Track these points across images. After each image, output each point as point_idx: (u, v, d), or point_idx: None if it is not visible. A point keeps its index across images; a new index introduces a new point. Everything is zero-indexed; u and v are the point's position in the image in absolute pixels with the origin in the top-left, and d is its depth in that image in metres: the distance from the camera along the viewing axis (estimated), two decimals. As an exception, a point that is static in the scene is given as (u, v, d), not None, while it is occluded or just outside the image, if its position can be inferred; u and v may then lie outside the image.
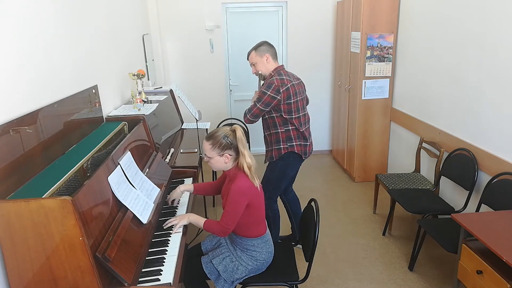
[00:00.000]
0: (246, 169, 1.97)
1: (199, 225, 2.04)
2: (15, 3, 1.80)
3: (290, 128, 2.74)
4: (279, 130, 2.74)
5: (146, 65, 4.29)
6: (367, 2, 3.86)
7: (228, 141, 1.96)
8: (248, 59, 2.84)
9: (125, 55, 3.53)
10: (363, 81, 4.08)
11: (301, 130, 2.77)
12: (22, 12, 1.85)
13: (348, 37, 4.33)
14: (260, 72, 2.79)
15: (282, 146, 2.75)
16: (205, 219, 2.05)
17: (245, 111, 2.78)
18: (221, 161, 2.00)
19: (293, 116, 2.71)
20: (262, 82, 2.84)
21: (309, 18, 4.91)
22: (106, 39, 3.04)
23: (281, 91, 2.61)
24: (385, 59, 4.02)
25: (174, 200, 2.39)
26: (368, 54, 3.99)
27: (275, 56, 2.80)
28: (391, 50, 4.00)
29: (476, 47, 2.76)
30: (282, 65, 2.81)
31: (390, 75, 4.08)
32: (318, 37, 4.98)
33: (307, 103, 2.96)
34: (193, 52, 4.96)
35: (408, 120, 3.84)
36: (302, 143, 2.79)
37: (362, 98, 4.15)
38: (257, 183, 2.02)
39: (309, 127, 2.90)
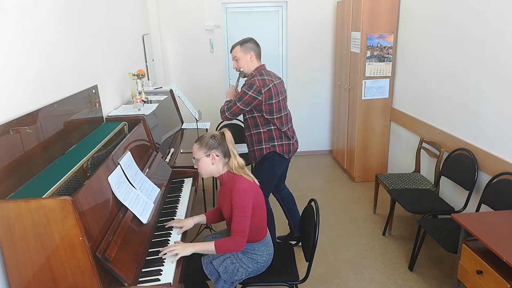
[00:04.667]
0: (238, 169, 1.99)
1: (211, 252, 1.95)
2: (15, 3, 1.80)
3: (272, 128, 2.73)
4: (261, 130, 2.73)
5: (146, 65, 4.29)
6: (367, 2, 3.86)
7: (214, 141, 1.99)
8: (231, 52, 2.80)
9: (125, 55, 3.53)
10: (363, 81, 4.08)
11: (283, 130, 2.76)
12: (22, 12, 1.85)
13: (348, 37, 4.33)
14: (241, 69, 2.76)
15: (264, 146, 2.75)
16: (213, 242, 1.93)
17: (223, 108, 2.75)
18: (208, 162, 1.99)
19: (275, 116, 2.70)
20: (240, 79, 2.83)
21: (309, 18, 4.90)
22: (106, 39, 3.04)
23: (262, 91, 2.60)
24: (385, 59, 4.02)
25: (181, 227, 2.14)
26: (368, 54, 3.99)
27: (259, 55, 2.77)
28: (391, 50, 4.00)
29: (476, 47, 2.76)
30: (264, 65, 2.78)
31: (390, 75, 4.08)
32: (318, 37, 4.98)
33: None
34: (193, 52, 4.95)
35: (408, 120, 3.84)
36: (285, 142, 2.78)
37: (362, 98, 4.15)
38: (255, 179, 2.05)
39: (291, 125, 2.89)
